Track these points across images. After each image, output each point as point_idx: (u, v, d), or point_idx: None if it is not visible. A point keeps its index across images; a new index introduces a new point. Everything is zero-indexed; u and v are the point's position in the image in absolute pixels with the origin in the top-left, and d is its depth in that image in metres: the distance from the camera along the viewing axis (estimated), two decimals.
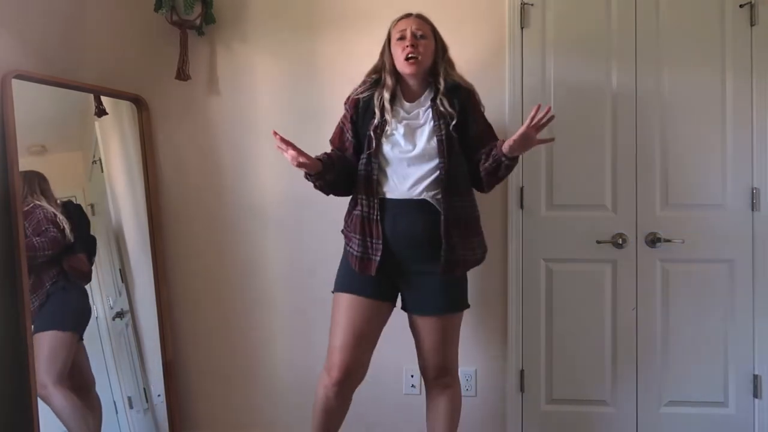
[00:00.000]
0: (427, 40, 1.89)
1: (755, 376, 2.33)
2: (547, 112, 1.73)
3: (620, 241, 2.34)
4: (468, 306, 1.98)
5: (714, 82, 2.32)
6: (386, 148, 1.88)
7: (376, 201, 1.87)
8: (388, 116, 1.88)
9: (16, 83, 2.02)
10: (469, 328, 2.41)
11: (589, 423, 2.40)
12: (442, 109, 1.87)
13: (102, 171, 2.37)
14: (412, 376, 2.42)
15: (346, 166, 1.95)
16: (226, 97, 2.49)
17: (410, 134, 1.89)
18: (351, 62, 2.43)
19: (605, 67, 2.35)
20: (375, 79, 1.95)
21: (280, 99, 2.47)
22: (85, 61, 2.45)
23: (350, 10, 2.43)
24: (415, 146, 1.87)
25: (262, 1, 2.47)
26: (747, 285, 2.33)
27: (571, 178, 2.37)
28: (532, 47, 2.37)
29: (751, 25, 2.30)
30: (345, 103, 1.99)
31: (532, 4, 2.37)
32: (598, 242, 2.35)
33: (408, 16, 1.94)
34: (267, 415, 2.50)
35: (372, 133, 1.89)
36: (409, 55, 1.85)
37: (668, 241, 2.33)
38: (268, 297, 2.49)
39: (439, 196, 1.85)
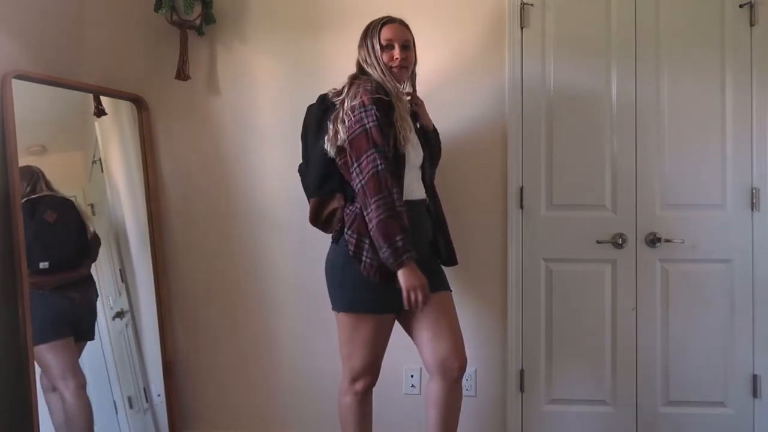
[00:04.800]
0: (410, 51, 1.92)
1: (754, 376, 2.33)
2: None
3: (620, 241, 2.34)
4: None
5: (714, 82, 2.32)
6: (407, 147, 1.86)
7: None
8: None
9: (16, 83, 2.02)
10: (469, 328, 2.40)
11: (589, 423, 2.40)
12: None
13: (102, 171, 2.37)
14: (412, 376, 2.42)
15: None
16: (226, 97, 2.49)
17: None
18: (351, 62, 2.43)
19: (605, 66, 2.36)
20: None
21: (280, 99, 2.47)
22: (85, 61, 2.45)
23: (350, 9, 2.43)
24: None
25: (263, 1, 2.47)
26: (747, 285, 2.33)
27: (571, 178, 2.37)
28: (532, 47, 2.37)
29: (751, 25, 2.31)
30: (374, 106, 1.77)
31: (532, 4, 2.37)
32: (598, 242, 2.35)
33: (392, 21, 1.90)
34: (267, 415, 2.50)
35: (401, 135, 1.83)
36: (398, 66, 1.87)
37: (668, 241, 2.33)
38: (267, 296, 2.49)
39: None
